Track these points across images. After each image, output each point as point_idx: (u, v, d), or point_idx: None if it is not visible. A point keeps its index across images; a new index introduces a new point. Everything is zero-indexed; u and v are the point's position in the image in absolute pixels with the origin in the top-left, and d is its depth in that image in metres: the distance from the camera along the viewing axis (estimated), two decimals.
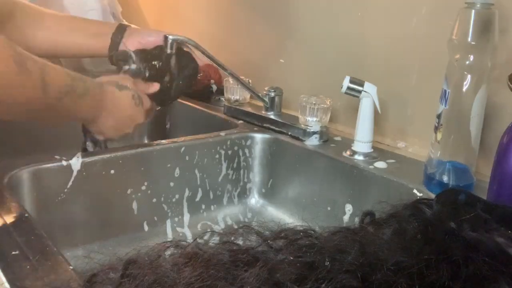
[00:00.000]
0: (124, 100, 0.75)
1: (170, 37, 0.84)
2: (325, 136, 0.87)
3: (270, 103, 0.97)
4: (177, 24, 1.43)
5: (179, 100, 0.99)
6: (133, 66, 0.82)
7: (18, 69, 0.57)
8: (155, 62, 0.83)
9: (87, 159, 0.74)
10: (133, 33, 0.85)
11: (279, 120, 0.93)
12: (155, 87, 0.82)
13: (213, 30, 1.27)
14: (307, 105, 0.88)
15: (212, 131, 0.91)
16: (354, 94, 0.78)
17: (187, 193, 0.87)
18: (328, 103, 0.88)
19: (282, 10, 1.05)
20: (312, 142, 0.86)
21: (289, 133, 0.90)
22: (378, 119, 0.82)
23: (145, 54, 0.83)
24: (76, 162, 0.73)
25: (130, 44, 0.84)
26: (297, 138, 0.88)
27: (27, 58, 0.59)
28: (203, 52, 0.89)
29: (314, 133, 0.86)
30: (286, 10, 1.04)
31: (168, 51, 0.84)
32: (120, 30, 0.85)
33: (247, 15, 1.16)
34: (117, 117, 0.75)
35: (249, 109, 1.00)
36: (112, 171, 0.77)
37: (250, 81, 1.02)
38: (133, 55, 0.82)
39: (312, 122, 0.87)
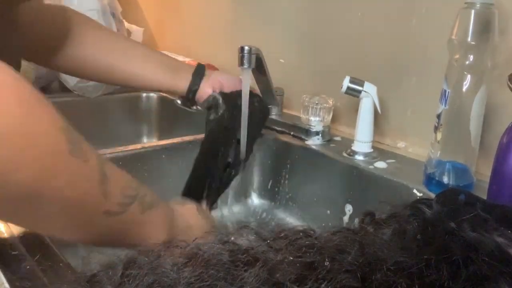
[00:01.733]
0: (192, 216, 0.58)
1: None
2: (327, 136, 0.88)
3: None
4: (177, 25, 1.43)
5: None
6: (221, 112, 0.72)
7: (67, 146, 0.37)
8: (238, 105, 0.72)
9: None
10: (213, 74, 0.78)
11: (281, 120, 0.93)
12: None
13: (213, 31, 1.27)
14: (310, 105, 0.88)
15: None
16: (354, 94, 0.78)
17: None
18: (331, 102, 0.88)
19: (282, 10, 1.05)
20: (314, 141, 0.86)
21: (292, 133, 0.90)
22: (378, 119, 0.82)
23: (230, 98, 0.74)
24: None
25: (212, 84, 0.76)
26: (300, 138, 0.88)
27: (81, 139, 0.39)
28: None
29: (317, 133, 0.86)
30: (286, 10, 1.04)
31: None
32: (200, 68, 0.78)
33: (247, 15, 1.16)
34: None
35: None
36: None
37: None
38: (221, 101, 0.72)
39: (315, 122, 0.87)
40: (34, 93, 0.35)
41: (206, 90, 0.75)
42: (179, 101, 0.74)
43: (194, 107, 0.77)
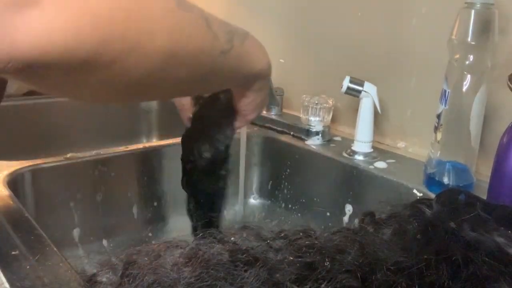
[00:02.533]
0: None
1: None
2: (327, 136, 0.88)
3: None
4: None
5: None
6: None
7: (178, 6, 0.40)
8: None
9: (88, 159, 0.75)
10: None
11: (281, 120, 0.93)
12: None
13: None
14: (310, 105, 0.88)
15: None
16: (354, 94, 0.78)
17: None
18: (331, 102, 0.88)
19: (282, 10, 1.05)
20: (314, 142, 0.86)
21: (292, 133, 0.90)
22: (378, 119, 0.82)
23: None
24: (77, 162, 0.73)
25: None
26: (300, 138, 0.88)
27: (203, 11, 0.44)
28: None
29: (317, 133, 0.86)
30: (285, 10, 1.04)
31: None
32: None
33: (247, 15, 1.16)
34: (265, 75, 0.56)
35: None
36: (113, 174, 0.77)
37: None
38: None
39: (315, 122, 0.87)
40: None
41: None
42: None
43: None
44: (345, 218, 0.78)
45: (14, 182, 0.67)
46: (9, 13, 0.27)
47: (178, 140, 0.86)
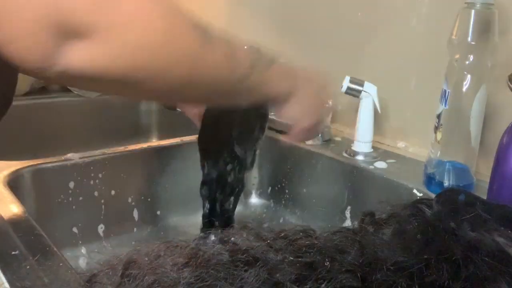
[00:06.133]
0: (309, 74, 0.60)
1: None
2: (327, 136, 0.88)
3: None
4: None
5: None
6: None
7: (201, 40, 0.44)
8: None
9: (88, 159, 0.75)
10: None
11: (281, 120, 0.93)
12: None
13: None
14: None
15: None
16: (354, 94, 0.78)
17: (188, 194, 0.87)
18: (330, 103, 0.88)
19: (281, 10, 1.05)
20: (314, 141, 0.86)
21: None
22: (378, 119, 0.82)
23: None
24: (77, 162, 0.73)
25: None
26: None
27: (206, 26, 0.46)
28: None
29: None
30: (285, 10, 1.04)
31: None
32: None
33: (246, 15, 1.16)
34: (308, 97, 0.59)
35: None
36: (113, 174, 0.77)
37: None
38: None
39: None
40: (168, 2, 0.42)
41: None
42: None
43: (178, 109, 0.71)
44: (345, 218, 0.78)
45: (14, 182, 0.67)
46: (61, 40, 0.35)
47: (178, 140, 0.86)
